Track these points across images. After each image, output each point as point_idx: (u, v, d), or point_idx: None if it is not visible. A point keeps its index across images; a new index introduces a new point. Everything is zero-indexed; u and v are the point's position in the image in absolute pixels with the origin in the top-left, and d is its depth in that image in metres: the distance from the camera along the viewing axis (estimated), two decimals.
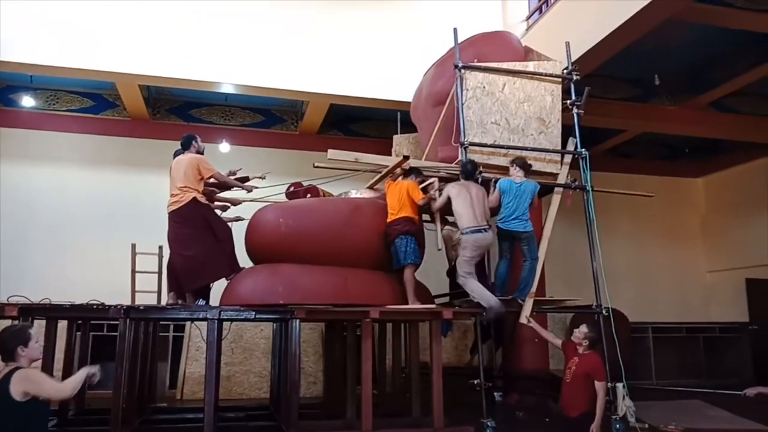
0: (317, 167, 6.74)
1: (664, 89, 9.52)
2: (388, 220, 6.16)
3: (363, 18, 9.24)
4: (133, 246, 7.20)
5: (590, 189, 6.85)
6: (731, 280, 11.85)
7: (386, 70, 9.02)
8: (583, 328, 5.31)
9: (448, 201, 6.11)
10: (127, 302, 6.46)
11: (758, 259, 11.32)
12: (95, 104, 10.14)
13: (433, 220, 6.63)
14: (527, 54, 7.49)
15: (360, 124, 11.18)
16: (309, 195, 7.08)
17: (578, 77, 7.05)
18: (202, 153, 6.19)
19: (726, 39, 8.13)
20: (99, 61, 8.23)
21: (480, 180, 6.36)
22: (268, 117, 10.87)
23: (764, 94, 9.84)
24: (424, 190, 6.49)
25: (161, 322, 7.83)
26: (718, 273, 12.42)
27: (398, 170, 6.65)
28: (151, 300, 6.90)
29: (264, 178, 6.84)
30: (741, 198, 11.96)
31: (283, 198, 7.17)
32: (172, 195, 5.86)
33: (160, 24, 8.44)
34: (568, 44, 7.16)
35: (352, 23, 9.17)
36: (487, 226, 6.00)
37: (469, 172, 6.24)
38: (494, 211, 6.31)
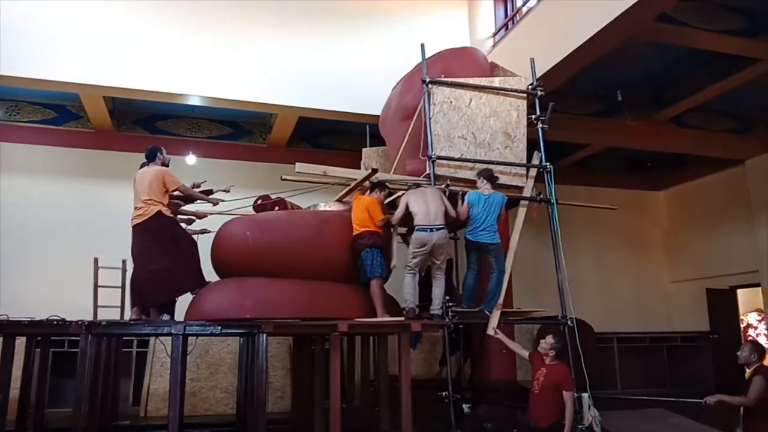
0: (285, 180, 6.71)
1: (626, 105, 9.78)
2: (354, 233, 6.15)
3: (332, 32, 9.27)
4: (96, 260, 7.04)
5: (555, 202, 6.97)
6: (692, 290, 12.15)
7: (355, 84, 9.05)
8: (549, 339, 5.39)
9: (408, 210, 6.15)
10: (89, 317, 6.31)
11: (718, 270, 11.65)
12: (58, 115, 9.92)
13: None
14: (493, 70, 7.63)
15: (329, 137, 11.18)
16: (277, 208, 7.05)
17: (543, 93, 7.21)
18: (167, 165, 6.10)
19: (684, 57, 8.40)
20: (62, 73, 8.08)
21: (447, 193, 6.42)
22: (236, 129, 10.80)
23: (720, 110, 10.19)
24: (392, 204, 6.52)
25: (124, 338, 7.66)
26: (679, 284, 12.72)
27: (367, 183, 6.67)
28: (114, 315, 6.75)
29: (228, 191, 6.78)
30: (701, 210, 12.30)
31: (250, 211, 7.11)
32: (136, 208, 5.76)
33: (125, 35, 8.33)
34: (533, 60, 7.31)
35: (320, 37, 9.19)
36: (436, 226, 6.03)
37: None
38: (463, 223, 6.37)
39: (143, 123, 10.33)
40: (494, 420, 7.31)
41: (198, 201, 6.46)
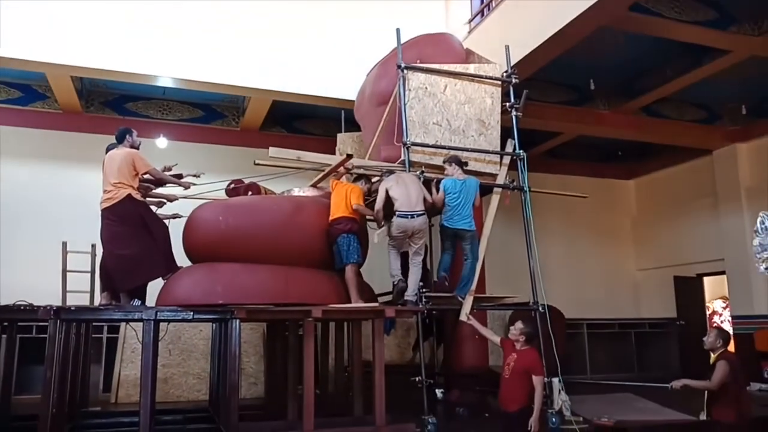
0: (258, 164, 6.64)
1: (598, 94, 9.90)
2: (330, 218, 6.14)
3: (307, 15, 9.15)
4: (64, 244, 6.89)
5: (527, 189, 7.04)
6: (660, 277, 12.41)
7: (330, 68, 8.97)
8: (519, 324, 5.44)
9: (388, 197, 6.15)
10: (58, 303, 6.19)
11: (685, 258, 11.92)
12: (23, 95, 9.65)
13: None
14: (468, 56, 7.63)
15: (303, 121, 11.09)
16: (250, 192, 6.96)
17: (517, 81, 7.25)
18: (137, 148, 5.98)
19: (656, 48, 8.51)
20: (28, 51, 7.84)
21: (422, 180, 6.43)
22: (208, 112, 10.64)
23: (690, 100, 10.37)
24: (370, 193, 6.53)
25: (94, 324, 7.54)
26: (647, 271, 12.99)
27: (341, 169, 6.64)
28: (83, 300, 6.62)
29: (198, 176, 6.66)
30: (669, 199, 12.55)
31: (222, 195, 7.03)
32: (105, 191, 5.65)
33: (94, 13, 8.10)
34: (507, 48, 7.33)
35: (296, 20, 9.06)
36: (417, 212, 6.06)
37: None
38: (439, 210, 6.39)
39: (113, 104, 10.11)
40: (466, 405, 7.41)
41: (169, 185, 6.35)
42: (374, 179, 6.71)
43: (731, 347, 5.49)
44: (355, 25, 9.28)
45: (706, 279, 12.25)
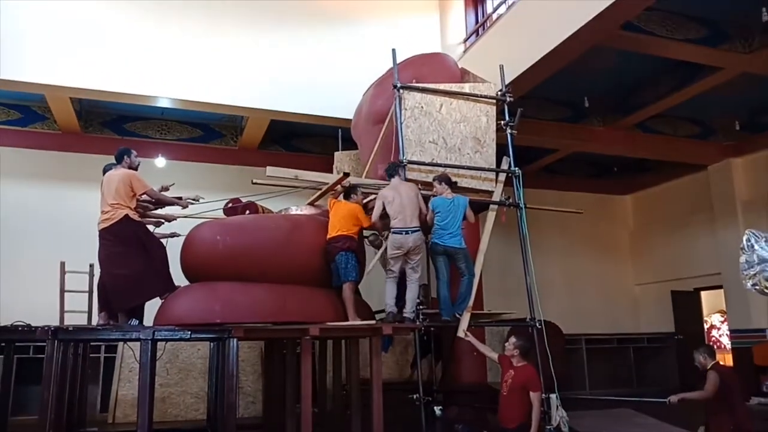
0: (256, 183, 6.68)
1: (593, 111, 10.00)
2: (328, 236, 6.17)
3: (304, 35, 9.27)
4: (62, 264, 6.91)
5: (523, 206, 7.08)
6: (658, 292, 12.45)
7: (327, 88, 9.07)
8: (513, 339, 5.48)
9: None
10: (56, 323, 6.19)
11: (682, 272, 11.97)
12: (23, 116, 9.74)
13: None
14: (464, 75, 7.72)
15: (301, 139, 11.17)
16: (248, 211, 7.00)
17: (512, 99, 7.32)
18: (136, 168, 6.02)
19: (650, 65, 8.62)
20: (28, 73, 7.93)
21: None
22: (207, 132, 10.71)
23: (683, 116, 10.47)
24: (366, 206, 6.55)
25: (92, 343, 7.54)
26: (645, 286, 13.02)
27: (339, 187, 6.68)
28: (81, 320, 6.63)
29: (197, 200, 6.68)
30: (666, 214, 12.62)
31: (220, 214, 7.06)
32: (103, 212, 5.67)
33: (92, 35, 8.21)
34: (502, 67, 7.41)
35: (293, 40, 9.18)
36: (412, 228, 6.08)
37: (392, 169, 6.42)
38: (430, 229, 6.42)
39: (111, 125, 10.19)
40: (465, 422, 7.38)
41: (168, 205, 6.38)
42: (371, 196, 6.74)
43: (729, 360, 5.65)
44: (352, 45, 9.40)
45: (703, 293, 12.29)
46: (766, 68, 8.10)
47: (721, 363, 5.57)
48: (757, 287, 4.09)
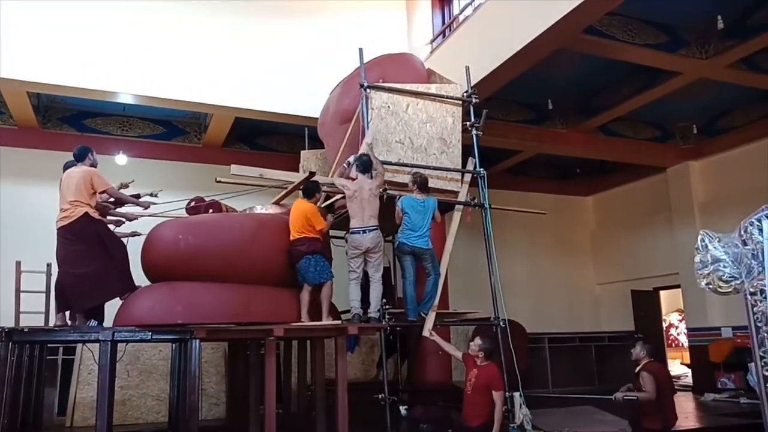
0: (220, 182, 6.60)
1: (556, 113, 10.17)
2: (291, 238, 6.08)
3: (270, 33, 9.19)
4: (18, 263, 6.69)
5: (488, 206, 7.16)
6: (618, 291, 12.71)
7: (293, 86, 9.00)
8: (477, 341, 5.55)
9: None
10: (11, 324, 6.01)
11: (642, 272, 12.25)
12: None
13: None
14: (430, 76, 7.76)
15: (267, 138, 11.07)
16: (211, 210, 6.90)
17: (477, 100, 7.40)
18: (95, 166, 5.90)
19: (611, 68, 8.81)
20: None
21: (385, 198, 6.47)
22: (170, 129, 10.53)
23: (644, 119, 10.73)
24: (329, 207, 6.52)
25: (49, 345, 7.33)
26: (606, 285, 13.29)
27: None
28: (38, 321, 6.44)
29: (156, 195, 6.56)
30: (626, 215, 12.90)
31: (183, 213, 6.95)
32: (62, 210, 5.53)
33: (50, 27, 7.97)
34: (468, 68, 7.48)
35: (259, 36, 9.09)
36: (369, 227, 6.07)
37: (366, 165, 6.31)
38: (396, 227, 6.44)
39: (71, 120, 9.93)
40: (430, 421, 7.42)
41: (127, 204, 6.26)
42: (337, 196, 6.72)
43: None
44: (319, 43, 9.35)
45: (662, 292, 12.58)
46: (722, 74, 8.37)
47: (653, 361, 5.87)
48: (710, 286, 4.23)
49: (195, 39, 8.73)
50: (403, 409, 7.87)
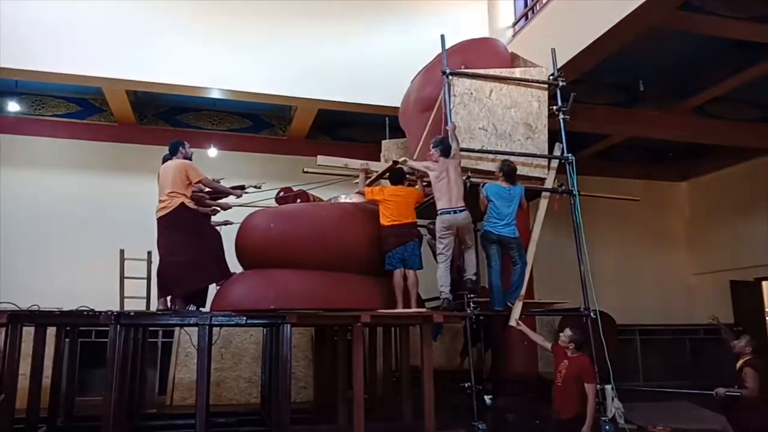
0: (307, 172, 6.76)
1: (648, 95, 9.66)
2: (395, 222, 6.07)
3: (351, 24, 9.28)
4: (122, 252, 7.16)
5: (577, 193, 6.92)
6: (716, 282, 12.01)
7: (374, 76, 9.05)
8: (567, 332, 5.40)
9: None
10: (116, 308, 6.42)
11: (742, 262, 11.50)
12: (81, 109, 10.09)
13: None
14: (514, 60, 7.58)
15: (349, 129, 11.21)
16: (299, 200, 7.10)
17: (564, 83, 7.15)
18: (189, 158, 6.18)
19: (708, 46, 8.26)
20: (85, 67, 8.19)
21: (468, 186, 6.39)
22: (257, 122, 10.88)
23: (745, 99, 10.01)
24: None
25: (150, 328, 7.79)
26: (702, 275, 12.57)
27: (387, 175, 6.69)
28: (140, 306, 6.86)
29: (260, 187, 6.82)
30: (724, 201, 12.14)
31: (272, 203, 7.17)
32: (160, 201, 5.85)
33: (147, 29, 8.43)
34: (554, 51, 7.24)
35: (340, 30, 9.20)
36: (459, 208, 6.02)
37: (447, 146, 6.27)
38: (481, 215, 6.36)
39: (165, 116, 10.46)
40: (516, 411, 7.34)
41: (223, 194, 6.53)
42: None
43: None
44: (399, 32, 9.35)
45: (765, 283, 11.78)
46: None
47: (757, 357, 5.55)
48: None
49: (280, 35, 8.95)
50: (488, 399, 7.82)
